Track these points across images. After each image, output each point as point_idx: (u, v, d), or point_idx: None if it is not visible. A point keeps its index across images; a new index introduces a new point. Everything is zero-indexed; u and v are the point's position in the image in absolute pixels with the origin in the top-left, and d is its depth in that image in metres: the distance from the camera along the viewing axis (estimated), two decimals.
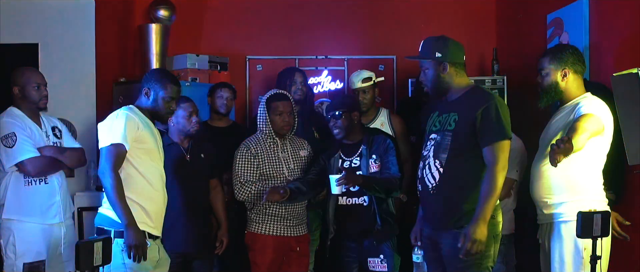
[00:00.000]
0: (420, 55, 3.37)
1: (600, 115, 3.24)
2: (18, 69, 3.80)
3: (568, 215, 3.25)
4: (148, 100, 3.45)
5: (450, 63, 3.29)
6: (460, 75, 3.34)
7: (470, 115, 3.19)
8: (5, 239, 3.65)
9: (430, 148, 3.32)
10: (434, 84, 3.34)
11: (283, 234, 3.94)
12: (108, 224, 3.31)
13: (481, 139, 3.17)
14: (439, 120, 3.34)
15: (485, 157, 3.16)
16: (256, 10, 5.95)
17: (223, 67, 5.57)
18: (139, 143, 3.33)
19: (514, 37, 5.54)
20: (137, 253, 3.18)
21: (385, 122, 4.66)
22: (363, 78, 4.63)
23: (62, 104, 4.56)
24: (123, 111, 3.36)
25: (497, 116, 3.16)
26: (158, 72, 3.62)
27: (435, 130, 3.34)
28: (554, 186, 3.33)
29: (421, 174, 3.36)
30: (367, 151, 3.86)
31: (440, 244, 3.31)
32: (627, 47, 3.80)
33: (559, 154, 2.92)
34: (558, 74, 3.38)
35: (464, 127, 3.21)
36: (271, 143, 3.97)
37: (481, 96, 3.25)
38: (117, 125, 3.27)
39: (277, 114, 3.93)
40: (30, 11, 4.88)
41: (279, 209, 3.92)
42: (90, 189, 4.73)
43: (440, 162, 3.25)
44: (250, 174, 3.92)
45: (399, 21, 5.95)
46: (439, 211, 3.30)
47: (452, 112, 3.28)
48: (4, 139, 3.61)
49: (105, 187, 3.21)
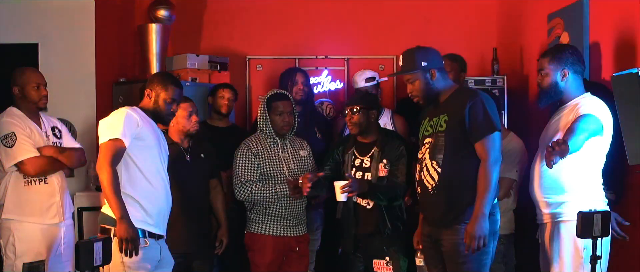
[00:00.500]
0: (407, 69, 3.40)
1: (599, 115, 3.24)
2: (18, 69, 3.81)
3: (568, 215, 3.26)
4: (150, 101, 3.46)
5: (436, 69, 3.36)
6: (446, 79, 3.42)
7: (459, 114, 3.25)
8: (5, 239, 3.65)
9: (425, 152, 3.38)
10: (425, 93, 3.39)
11: (282, 234, 3.94)
12: (109, 222, 3.30)
13: (471, 135, 3.23)
14: (431, 125, 3.40)
15: (478, 153, 3.22)
16: (256, 10, 5.95)
17: (223, 67, 5.56)
18: (139, 140, 3.33)
19: (514, 37, 5.54)
20: (128, 247, 3.13)
21: (388, 122, 4.67)
22: (366, 78, 4.64)
23: (62, 104, 4.56)
24: (124, 109, 3.36)
25: (484, 111, 3.22)
26: (160, 75, 3.63)
27: (428, 135, 3.40)
28: (553, 186, 3.33)
29: (419, 177, 3.40)
30: (379, 154, 3.87)
31: (441, 241, 3.33)
32: (627, 47, 3.80)
33: (554, 156, 2.94)
34: (558, 74, 3.38)
35: (455, 126, 3.26)
36: (271, 143, 3.97)
37: (467, 94, 3.33)
38: (116, 121, 3.28)
39: (277, 114, 3.94)
40: (30, 11, 4.89)
41: (278, 209, 3.92)
42: (90, 189, 4.73)
43: (437, 162, 3.29)
44: (250, 173, 3.92)
45: (399, 21, 5.95)
46: (440, 210, 3.32)
47: (441, 114, 3.34)
48: (3, 139, 3.61)
49: (101, 181, 3.19)
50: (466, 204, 3.23)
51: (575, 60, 3.39)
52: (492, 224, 3.23)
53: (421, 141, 3.46)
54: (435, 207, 3.34)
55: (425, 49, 3.42)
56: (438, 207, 3.33)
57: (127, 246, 3.13)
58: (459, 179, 3.26)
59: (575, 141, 3.07)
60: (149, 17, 5.58)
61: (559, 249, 3.31)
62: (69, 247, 3.74)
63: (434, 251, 3.41)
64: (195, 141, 4.07)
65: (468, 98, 3.27)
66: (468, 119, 3.22)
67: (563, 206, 3.31)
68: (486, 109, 3.23)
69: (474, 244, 3.15)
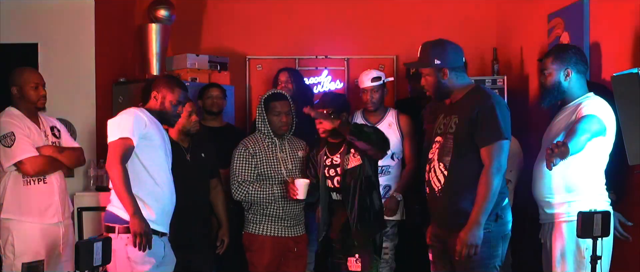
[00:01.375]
0: (419, 63, 3.37)
1: (602, 116, 3.23)
2: (17, 69, 3.81)
3: (569, 215, 3.25)
4: (157, 104, 3.53)
5: (449, 68, 3.28)
6: (461, 77, 3.33)
7: (469, 117, 3.19)
8: (3, 238, 3.65)
9: (435, 151, 3.34)
10: (435, 90, 3.34)
11: (280, 235, 3.93)
12: (113, 220, 3.36)
13: (478, 139, 3.17)
14: (444, 123, 3.35)
15: (482, 159, 3.16)
16: (256, 10, 5.95)
17: (223, 67, 5.56)
18: (146, 140, 3.40)
19: (514, 37, 5.53)
20: (142, 241, 3.22)
21: (393, 122, 4.66)
22: (372, 78, 4.64)
23: (62, 104, 4.56)
24: (132, 109, 3.46)
25: (493, 116, 3.15)
26: (166, 77, 3.74)
27: (439, 133, 3.35)
28: (555, 186, 3.32)
29: (428, 177, 3.37)
30: (346, 148, 3.80)
31: (448, 243, 3.30)
32: (627, 47, 3.79)
33: (554, 158, 2.92)
34: (561, 74, 3.37)
35: (464, 130, 3.20)
36: (270, 143, 3.97)
37: (479, 97, 3.24)
38: (125, 121, 3.36)
39: (274, 114, 3.93)
40: (30, 11, 4.89)
41: (276, 210, 3.92)
42: (90, 189, 4.72)
43: (444, 165, 3.25)
44: (247, 173, 3.91)
45: (399, 21, 5.95)
46: (446, 213, 3.30)
47: (453, 114, 3.29)
48: (2, 139, 3.61)
49: (112, 179, 3.28)
50: (471, 208, 3.16)
51: (578, 60, 3.39)
52: (501, 226, 3.20)
53: (433, 139, 3.41)
54: (442, 209, 3.31)
55: (443, 45, 3.32)
56: (444, 209, 3.30)
57: (141, 240, 3.22)
58: (464, 183, 3.20)
59: (577, 142, 3.06)
60: (149, 17, 5.58)
61: (560, 249, 3.30)
62: (69, 247, 3.74)
63: (442, 251, 3.37)
64: (195, 141, 4.07)
65: (480, 101, 3.20)
66: (477, 123, 3.15)
67: (565, 206, 3.30)
68: (496, 115, 3.14)
69: (464, 252, 3.10)
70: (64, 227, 3.78)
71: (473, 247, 3.10)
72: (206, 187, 4.12)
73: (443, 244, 3.35)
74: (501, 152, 3.14)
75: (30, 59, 4.76)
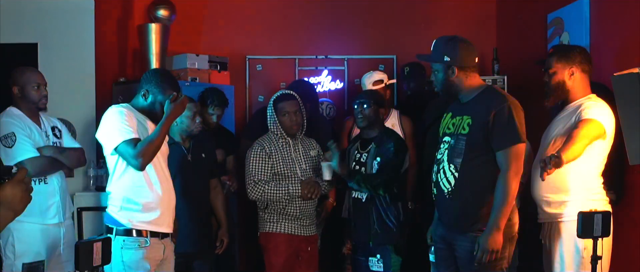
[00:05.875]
0: (430, 57, 3.32)
1: (601, 120, 3.23)
2: (18, 69, 3.79)
3: (569, 215, 3.25)
4: (145, 102, 3.42)
5: (458, 67, 3.23)
6: (471, 77, 3.27)
7: (484, 119, 3.12)
8: (4, 239, 3.64)
9: (443, 151, 3.28)
10: (443, 87, 3.29)
11: (296, 233, 3.95)
12: (111, 222, 3.33)
13: (494, 142, 3.12)
14: (453, 123, 3.29)
15: (499, 162, 3.12)
16: (256, 10, 5.95)
17: (223, 67, 5.56)
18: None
19: (514, 37, 5.54)
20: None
21: (395, 123, 4.67)
22: (374, 80, 4.66)
23: (62, 104, 4.55)
24: (114, 108, 3.34)
25: (510, 119, 3.10)
26: (159, 76, 3.48)
27: (449, 133, 3.29)
28: (555, 186, 3.32)
29: (436, 178, 3.31)
30: (375, 150, 3.92)
31: (454, 245, 3.28)
32: (627, 47, 3.80)
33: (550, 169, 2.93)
34: (565, 73, 3.37)
35: (477, 132, 3.15)
36: (284, 143, 3.98)
37: (494, 98, 3.18)
38: (116, 122, 3.27)
39: (283, 115, 3.94)
40: (30, 11, 4.88)
41: (292, 209, 3.93)
42: (90, 189, 4.72)
43: (455, 166, 3.20)
44: (263, 173, 3.92)
45: (399, 21, 5.95)
46: (455, 215, 3.26)
47: (465, 115, 3.22)
48: (3, 139, 3.60)
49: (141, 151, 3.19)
50: (481, 211, 3.15)
51: (583, 60, 3.39)
52: (508, 228, 3.16)
53: (440, 138, 3.35)
54: (450, 211, 3.27)
55: (456, 43, 3.26)
56: (453, 211, 3.26)
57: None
58: (475, 186, 3.16)
59: (574, 149, 3.07)
60: (148, 17, 5.58)
61: (560, 249, 3.30)
62: (69, 247, 3.73)
63: (447, 253, 3.34)
64: (196, 141, 4.06)
65: (495, 103, 3.13)
66: (492, 125, 3.10)
67: (564, 206, 3.30)
68: (513, 117, 3.09)
69: (486, 258, 3.07)
70: (65, 227, 3.78)
71: (493, 253, 3.07)
72: (206, 187, 4.12)
73: (448, 246, 3.33)
74: (519, 155, 3.10)
75: (30, 59, 4.75)
